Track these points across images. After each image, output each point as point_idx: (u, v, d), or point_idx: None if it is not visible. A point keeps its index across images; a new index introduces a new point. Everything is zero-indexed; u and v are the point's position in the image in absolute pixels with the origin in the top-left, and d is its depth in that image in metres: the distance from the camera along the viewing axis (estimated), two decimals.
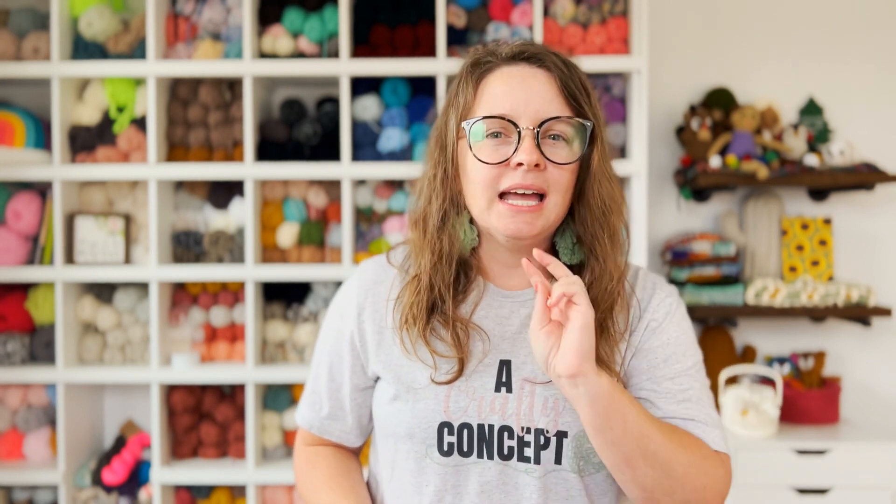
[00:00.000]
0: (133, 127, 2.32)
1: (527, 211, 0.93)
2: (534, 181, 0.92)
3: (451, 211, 1.00)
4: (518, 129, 0.93)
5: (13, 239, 2.29)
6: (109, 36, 2.32)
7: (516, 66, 0.97)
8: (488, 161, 0.93)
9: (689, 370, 1.01)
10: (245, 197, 2.32)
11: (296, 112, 2.37)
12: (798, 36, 2.58)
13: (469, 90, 0.98)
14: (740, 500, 2.17)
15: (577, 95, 0.96)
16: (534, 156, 0.91)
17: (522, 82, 0.95)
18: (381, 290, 1.06)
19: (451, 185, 1.00)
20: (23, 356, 2.33)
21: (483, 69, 0.98)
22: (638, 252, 2.26)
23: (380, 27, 2.30)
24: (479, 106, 0.97)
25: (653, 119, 2.54)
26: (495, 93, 0.95)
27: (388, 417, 1.02)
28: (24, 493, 2.42)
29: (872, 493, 2.16)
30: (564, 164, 0.94)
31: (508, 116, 0.93)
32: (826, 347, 2.56)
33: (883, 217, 2.58)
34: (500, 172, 0.93)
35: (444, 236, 1.00)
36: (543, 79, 0.95)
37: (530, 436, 0.96)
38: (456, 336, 0.98)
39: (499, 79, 0.96)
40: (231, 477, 2.29)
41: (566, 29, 2.31)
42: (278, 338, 2.37)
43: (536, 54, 0.97)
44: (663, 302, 1.03)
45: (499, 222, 0.94)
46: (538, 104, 0.93)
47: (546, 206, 0.94)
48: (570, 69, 0.97)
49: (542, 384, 0.97)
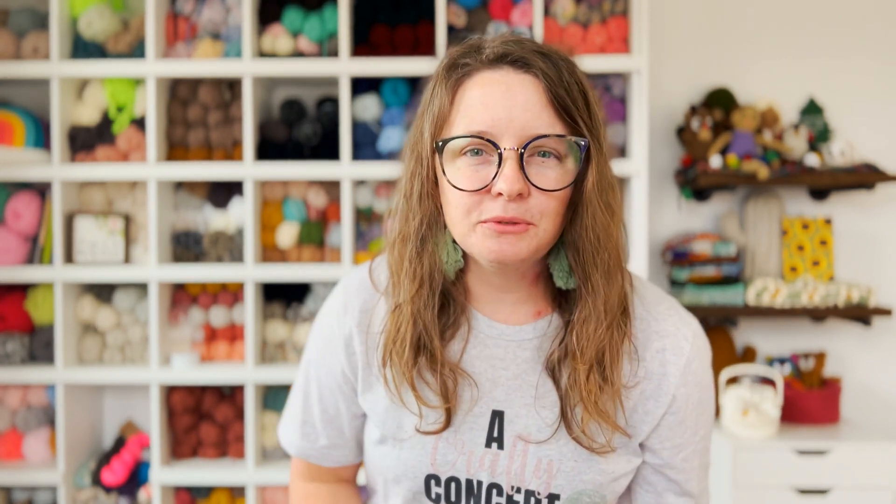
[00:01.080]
0: (133, 127, 2.31)
1: (511, 233, 0.80)
2: (516, 212, 0.79)
3: (430, 230, 0.87)
4: (499, 150, 0.79)
5: (13, 239, 2.29)
6: (109, 36, 2.32)
7: (499, 71, 0.82)
8: (465, 188, 0.80)
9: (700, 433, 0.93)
10: (245, 197, 2.31)
11: (296, 112, 2.37)
12: (798, 36, 2.58)
13: (445, 97, 0.84)
14: (740, 501, 2.16)
15: (569, 106, 0.81)
16: (516, 186, 0.77)
17: (506, 92, 0.80)
18: (366, 320, 0.94)
19: (429, 202, 0.87)
20: (22, 356, 2.33)
21: (461, 73, 0.84)
22: (638, 252, 2.26)
23: (380, 27, 2.30)
24: (456, 118, 0.83)
25: (653, 119, 2.53)
26: (473, 104, 0.81)
27: (376, 459, 0.95)
28: (24, 494, 2.42)
29: (872, 493, 2.16)
30: (553, 192, 0.80)
31: (488, 135, 0.79)
32: (826, 347, 2.56)
33: (883, 217, 2.57)
34: (480, 199, 0.81)
35: (426, 259, 0.88)
36: (530, 87, 0.80)
37: (520, 496, 0.89)
38: (444, 384, 0.87)
39: (478, 86, 0.82)
40: (231, 477, 2.28)
41: (566, 28, 2.30)
42: (278, 338, 2.36)
43: (522, 57, 0.82)
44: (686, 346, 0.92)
45: (481, 245, 0.81)
46: (523, 119, 0.79)
47: (536, 231, 0.81)
48: (562, 72, 0.82)
49: (536, 444, 0.88)
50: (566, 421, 0.87)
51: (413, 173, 0.88)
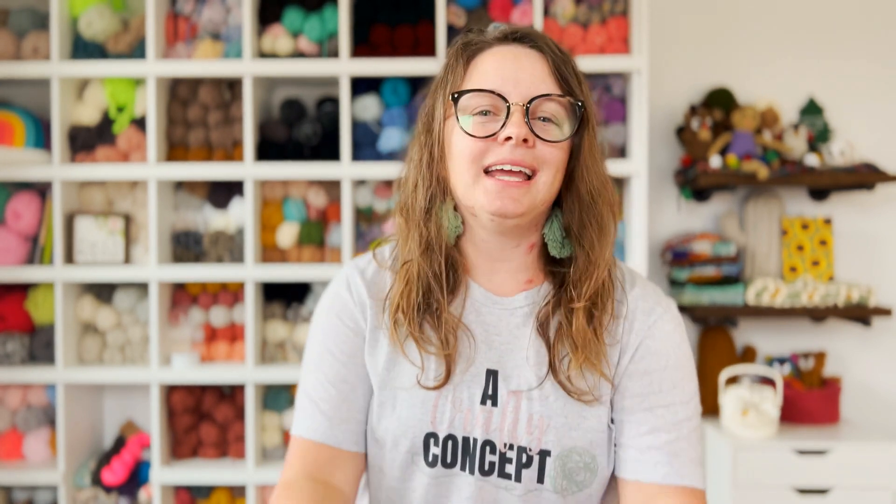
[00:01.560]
0: (133, 127, 2.31)
1: (514, 186, 0.89)
2: (523, 157, 0.89)
3: (437, 196, 0.96)
4: (507, 104, 0.89)
5: (13, 239, 2.29)
6: (109, 36, 2.32)
7: (508, 46, 0.94)
8: (476, 134, 0.90)
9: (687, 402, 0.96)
10: (245, 197, 2.31)
11: (296, 112, 2.37)
12: (798, 36, 2.58)
13: (459, 69, 0.94)
14: (740, 501, 2.17)
15: (569, 78, 0.93)
16: (523, 129, 0.88)
17: (514, 60, 0.92)
18: (372, 290, 1.00)
19: (436, 169, 0.96)
20: (22, 356, 2.33)
21: (474, 48, 0.95)
22: (638, 252, 2.26)
23: (380, 27, 2.30)
24: (469, 82, 0.93)
25: (653, 119, 2.53)
26: (485, 69, 0.92)
27: (374, 424, 0.98)
28: (24, 494, 2.42)
29: (872, 493, 2.16)
30: (554, 142, 0.90)
31: (498, 90, 0.90)
32: (826, 347, 2.56)
33: (883, 217, 2.58)
34: (487, 147, 0.90)
35: (431, 223, 0.96)
36: (536, 58, 0.92)
37: (513, 452, 0.93)
38: (445, 337, 0.94)
39: (490, 57, 0.93)
40: (231, 477, 2.28)
41: (566, 29, 2.30)
42: (278, 338, 2.37)
43: (529, 34, 0.94)
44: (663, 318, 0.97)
45: (484, 198, 0.90)
46: (529, 81, 0.90)
47: (535, 183, 0.90)
48: (563, 53, 0.95)
49: (528, 399, 0.93)
50: (553, 369, 0.94)
51: (424, 143, 0.98)
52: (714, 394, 2.40)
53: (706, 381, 2.44)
